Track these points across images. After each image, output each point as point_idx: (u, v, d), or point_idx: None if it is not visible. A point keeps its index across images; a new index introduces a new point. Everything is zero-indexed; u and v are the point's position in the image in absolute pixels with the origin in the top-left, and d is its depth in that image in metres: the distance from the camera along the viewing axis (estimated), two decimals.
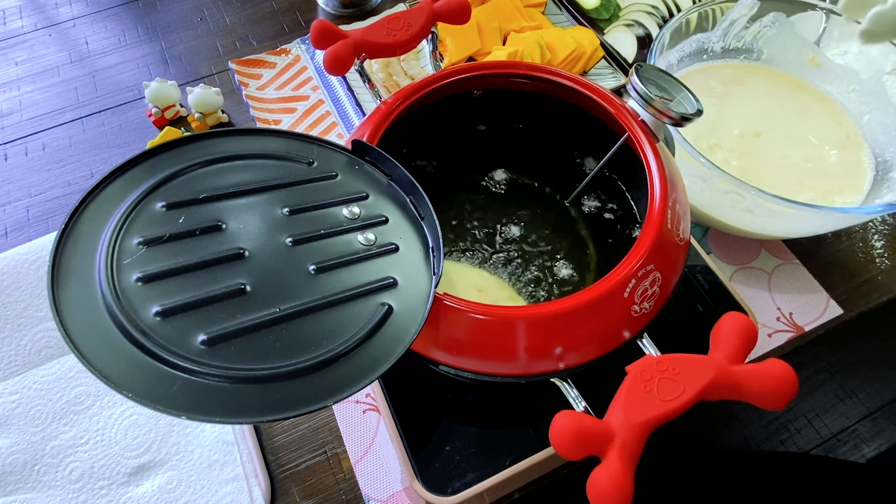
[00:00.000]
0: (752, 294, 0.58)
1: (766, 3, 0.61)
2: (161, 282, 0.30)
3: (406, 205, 0.39)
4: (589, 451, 0.29)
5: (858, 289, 0.59)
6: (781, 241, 0.61)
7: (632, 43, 0.72)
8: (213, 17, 0.81)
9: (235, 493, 0.47)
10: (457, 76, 0.45)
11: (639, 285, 0.36)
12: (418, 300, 0.34)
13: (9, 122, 0.71)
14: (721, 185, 0.50)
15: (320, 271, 0.34)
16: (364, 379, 0.30)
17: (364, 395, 0.52)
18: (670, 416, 0.30)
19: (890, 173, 0.55)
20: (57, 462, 0.48)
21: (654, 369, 0.31)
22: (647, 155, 0.41)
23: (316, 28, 0.43)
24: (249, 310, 0.31)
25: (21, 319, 0.54)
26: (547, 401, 0.43)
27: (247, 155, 0.37)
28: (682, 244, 0.41)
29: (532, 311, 0.35)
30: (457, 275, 0.46)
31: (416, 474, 0.42)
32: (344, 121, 0.70)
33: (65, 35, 0.80)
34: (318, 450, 0.51)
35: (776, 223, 0.52)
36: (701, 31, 0.62)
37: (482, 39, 0.71)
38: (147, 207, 0.33)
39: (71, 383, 0.52)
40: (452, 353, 0.37)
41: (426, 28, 0.46)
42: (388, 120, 0.42)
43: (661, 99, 0.38)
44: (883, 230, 0.63)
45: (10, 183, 0.67)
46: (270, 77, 0.74)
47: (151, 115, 0.69)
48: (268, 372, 0.29)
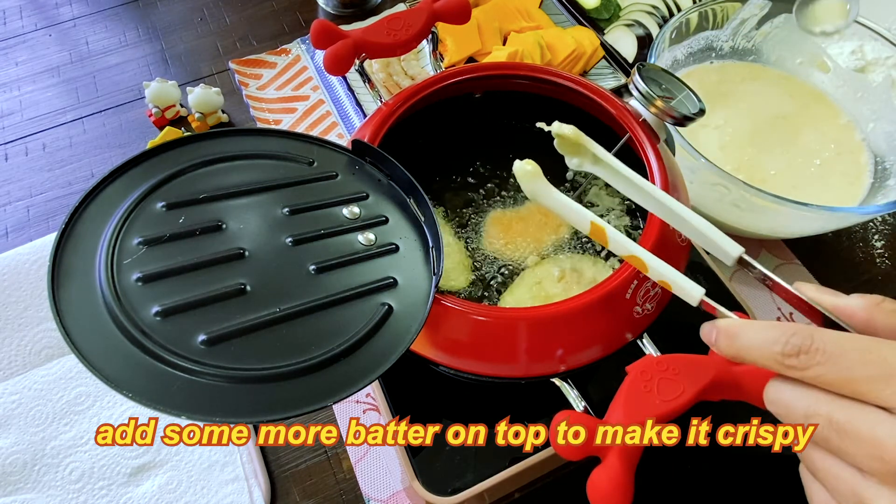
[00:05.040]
0: (753, 294, 0.58)
1: (777, 4, 0.60)
2: (161, 282, 0.30)
3: (406, 205, 0.39)
4: (589, 451, 0.29)
5: (858, 289, 0.59)
6: (782, 242, 0.61)
7: (632, 43, 0.72)
8: (214, 17, 0.81)
9: (235, 494, 0.47)
10: (457, 77, 0.45)
11: (641, 286, 0.36)
12: (418, 300, 0.34)
13: (9, 122, 0.72)
14: (708, 178, 0.50)
15: (320, 271, 0.33)
16: (364, 379, 0.30)
17: (364, 395, 0.52)
18: (670, 416, 0.30)
19: (888, 181, 0.55)
20: (57, 462, 0.48)
21: (654, 369, 0.31)
22: (649, 155, 0.41)
23: (316, 28, 0.43)
24: (249, 310, 0.31)
25: (21, 320, 0.54)
26: (547, 401, 0.43)
27: (247, 155, 0.37)
28: (684, 245, 0.41)
29: (533, 312, 0.35)
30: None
31: (416, 474, 0.42)
32: (344, 121, 0.70)
33: (65, 35, 0.80)
34: (318, 450, 0.51)
35: (762, 220, 0.52)
36: (701, 31, 0.62)
37: (482, 39, 0.71)
38: (147, 207, 0.33)
39: (71, 383, 0.52)
40: (452, 354, 0.37)
41: (426, 28, 0.46)
42: (389, 121, 0.42)
43: (663, 98, 0.38)
44: (883, 230, 0.63)
45: (10, 183, 0.67)
46: (270, 77, 0.74)
47: (152, 115, 0.69)
48: (268, 372, 0.29)
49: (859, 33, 0.59)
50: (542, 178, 0.35)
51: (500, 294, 0.46)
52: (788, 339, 0.25)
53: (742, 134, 0.59)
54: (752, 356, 0.26)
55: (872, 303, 0.26)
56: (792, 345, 0.24)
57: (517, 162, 0.35)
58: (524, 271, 0.46)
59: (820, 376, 0.24)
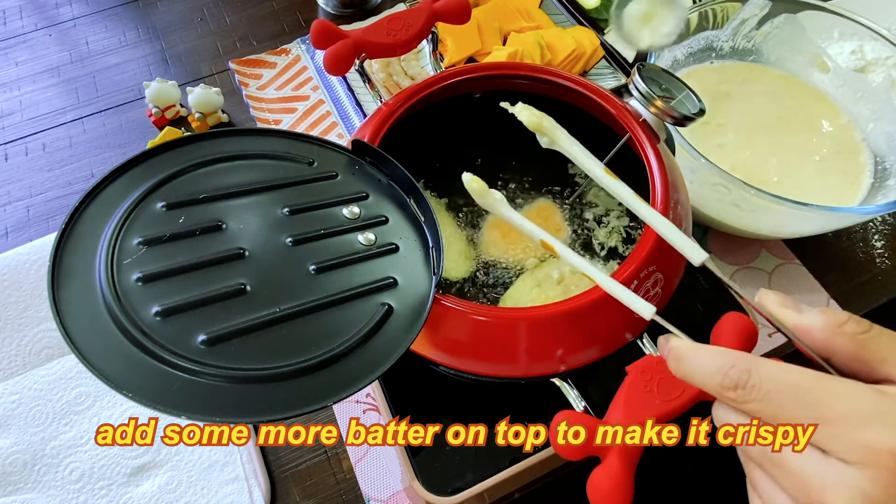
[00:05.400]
0: (753, 294, 0.58)
1: (777, 4, 0.60)
2: (161, 282, 0.30)
3: (406, 205, 0.39)
4: (589, 451, 0.29)
5: (858, 289, 0.59)
6: (782, 242, 0.61)
7: None
8: (214, 17, 0.81)
9: (235, 494, 0.47)
10: (457, 77, 0.45)
11: (641, 286, 0.36)
12: (418, 300, 0.34)
13: (9, 122, 0.72)
14: (708, 178, 0.50)
15: (320, 271, 0.33)
16: (364, 379, 0.30)
17: (364, 395, 0.52)
18: (670, 416, 0.30)
19: (888, 181, 0.55)
20: (57, 462, 0.48)
21: (654, 369, 0.31)
22: (649, 155, 0.40)
23: (316, 28, 0.43)
24: (249, 310, 0.31)
25: (21, 320, 0.54)
26: (547, 401, 0.43)
27: (247, 155, 0.37)
28: None
29: (534, 312, 0.35)
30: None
31: (416, 474, 0.42)
32: (344, 121, 0.70)
33: (65, 35, 0.80)
34: (318, 450, 0.51)
35: (763, 220, 0.52)
36: (701, 31, 0.61)
37: (482, 39, 0.71)
38: (147, 207, 0.33)
39: (71, 383, 0.52)
40: (452, 354, 0.37)
41: (426, 28, 0.46)
42: (389, 121, 0.42)
43: (663, 98, 0.38)
44: (883, 230, 0.63)
45: (10, 183, 0.67)
46: (270, 77, 0.74)
47: (151, 115, 0.69)
48: (268, 372, 0.29)
49: (859, 33, 0.59)
50: (489, 195, 0.36)
51: (500, 296, 0.46)
52: (727, 372, 0.25)
53: (742, 134, 0.59)
54: (696, 382, 0.26)
55: (834, 324, 0.26)
56: (730, 378, 0.24)
57: (465, 177, 0.36)
58: (523, 273, 0.46)
59: (756, 412, 0.24)
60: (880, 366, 0.24)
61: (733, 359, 0.25)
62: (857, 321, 0.25)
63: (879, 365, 0.24)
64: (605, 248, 0.49)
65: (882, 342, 0.25)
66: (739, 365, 0.24)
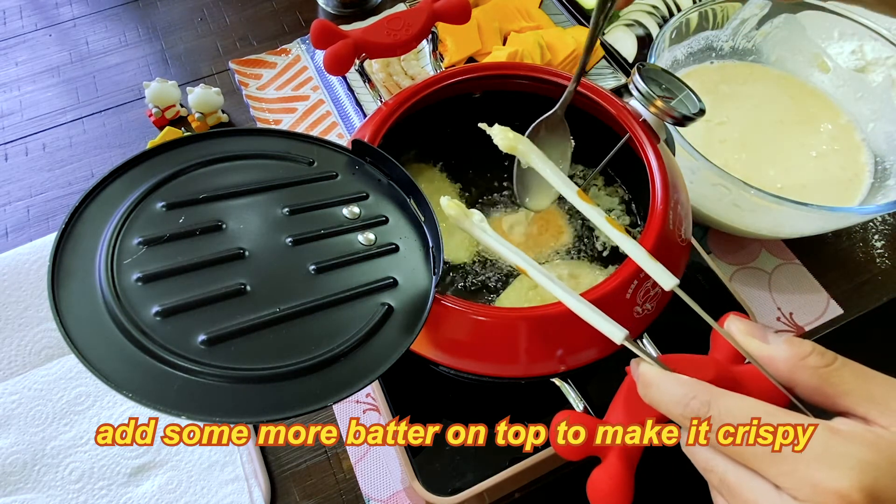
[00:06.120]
0: (753, 294, 0.58)
1: (777, 4, 0.60)
2: (161, 282, 0.30)
3: (406, 205, 0.39)
4: (589, 451, 0.29)
5: (858, 289, 0.59)
6: (782, 242, 0.61)
7: (632, 43, 0.72)
8: (214, 17, 0.81)
9: (235, 494, 0.47)
10: (457, 77, 0.45)
11: (641, 286, 0.36)
12: (418, 300, 0.34)
13: (9, 122, 0.72)
14: (709, 178, 0.50)
15: (320, 271, 0.33)
16: (364, 379, 0.30)
17: (364, 395, 0.52)
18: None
19: (888, 181, 0.55)
20: (57, 462, 0.48)
21: None
22: (649, 155, 0.41)
23: (316, 28, 0.43)
24: (249, 310, 0.31)
25: (21, 320, 0.54)
26: (547, 401, 0.43)
27: (247, 155, 0.37)
28: (684, 245, 0.41)
29: (534, 312, 0.35)
30: None
31: (416, 474, 0.42)
32: (344, 121, 0.70)
33: (65, 35, 0.80)
34: (318, 450, 0.51)
35: (763, 219, 0.52)
36: (701, 31, 0.62)
37: (482, 39, 0.71)
38: (147, 207, 0.33)
39: (71, 383, 0.52)
40: (452, 354, 0.37)
41: (426, 28, 0.46)
42: (389, 121, 0.42)
43: (663, 98, 0.38)
44: (883, 230, 0.63)
45: (10, 183, 0.67)
46: (270, 77, 0.74)
47: (151, 115, 0.69)
48: (268, 372, 0.29)
49: (859, 33, 0.59)
50: (467, 218, 0.36)
51: (496, 297, 0.46)
52: (688, 403, 0.25)
53: (742, 134, 0.59)
54: (661, 409, 0.27)
55: (797, 356, 0.26)
56: (690, 409, 0.25)
57: (442, 201, 0.36)
58: (519, 276, 0.46)
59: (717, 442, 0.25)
60: (841, 399, 0.25)
61: (694, 390, 0.25)
62: (820, 353, 0.26)
63: (840, 398, 0.25)
64: (608, 249, 0.49)
65: (844, 376, 0.25)
66: (700, 397, 0.25)
